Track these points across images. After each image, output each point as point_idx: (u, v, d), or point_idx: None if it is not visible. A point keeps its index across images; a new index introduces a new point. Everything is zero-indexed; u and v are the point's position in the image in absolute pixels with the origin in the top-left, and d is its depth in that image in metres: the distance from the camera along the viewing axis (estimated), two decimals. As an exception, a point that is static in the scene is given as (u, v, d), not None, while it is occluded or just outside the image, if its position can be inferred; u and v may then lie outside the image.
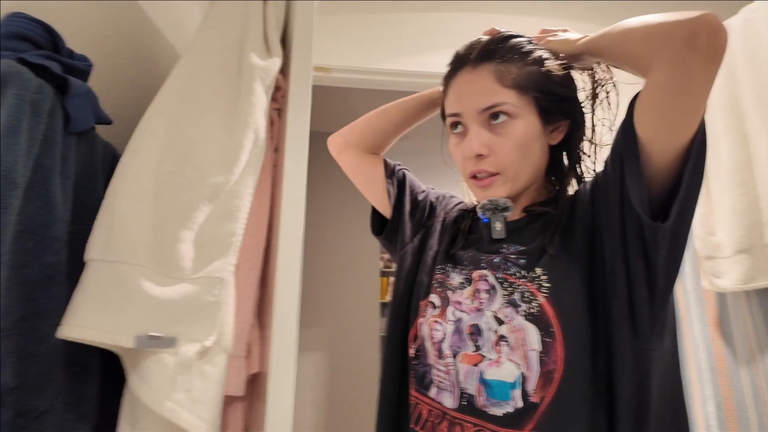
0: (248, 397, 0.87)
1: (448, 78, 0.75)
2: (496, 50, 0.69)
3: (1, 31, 0.65)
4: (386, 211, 0.91)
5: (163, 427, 0.67)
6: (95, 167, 0.76)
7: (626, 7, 1.93)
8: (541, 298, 0.61)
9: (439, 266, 0.76)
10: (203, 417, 0.68)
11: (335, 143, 0.97)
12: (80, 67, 0.73)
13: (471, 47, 0.72)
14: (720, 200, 1.25)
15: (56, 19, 0.73)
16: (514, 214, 0.73)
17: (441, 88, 0.78)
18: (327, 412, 2.73)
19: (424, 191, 0.92)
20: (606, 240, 0.62)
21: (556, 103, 0.70)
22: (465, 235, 0.78)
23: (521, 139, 0.67)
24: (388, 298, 0.98)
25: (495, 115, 0.67)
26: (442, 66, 0.79)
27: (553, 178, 0.77)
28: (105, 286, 0.68)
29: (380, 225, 0.93)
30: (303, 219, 0.85)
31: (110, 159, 0.79)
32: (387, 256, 4.81)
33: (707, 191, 1.31)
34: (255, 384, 0.88)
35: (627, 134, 0.60)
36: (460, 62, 0.72)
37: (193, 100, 0.82)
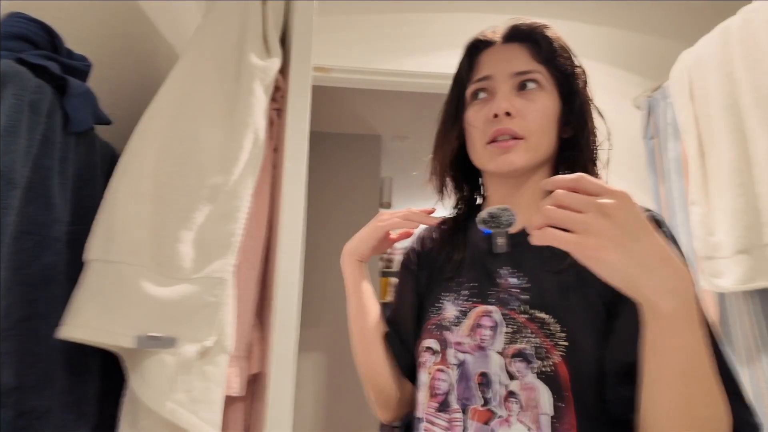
0: (249, 397, 0.87)
1: (472, 56, 0.73)
2: (525, 33, 0.70)
3: (1, 31, 0.65)
4: None
5: (164, 427, 0.66)
6: (94, 167, 0.76)
7: (626, 7, 1.93)
8: (557, 358, 0.56)
9: (433, 308, 0.70)
10: (204, 417, 0.68)
11: (386, 417, 0.79)
12: (79, 68, 0.73)
13: (496, 29, 0.72)
14: (719, 200, 1.25)
15: (55, 19, 0.73)
16: (520, 223, 0.68)
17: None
18: (327, 412, 2.73)
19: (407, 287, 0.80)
20: None
21: (574, 92, 0.70)
22: (460, 254, 0.73)
23: (548, 109, 0.67)
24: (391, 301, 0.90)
25: (524, 84, 0.68)
26: (442, 66, 0.79)
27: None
28: (105, 287, 0.68)
29: None
30: (303, 219, 0.85)
31: (109, 159, 0.79)
32: (387, 256, 4.81)
33: (706, 191, 1.31)
34: (255, 384, 0.88)
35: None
36: (486, 43, 0.72)
37: (193, 101, 0.82)
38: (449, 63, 0.78)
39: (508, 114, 0.66)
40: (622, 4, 1.94)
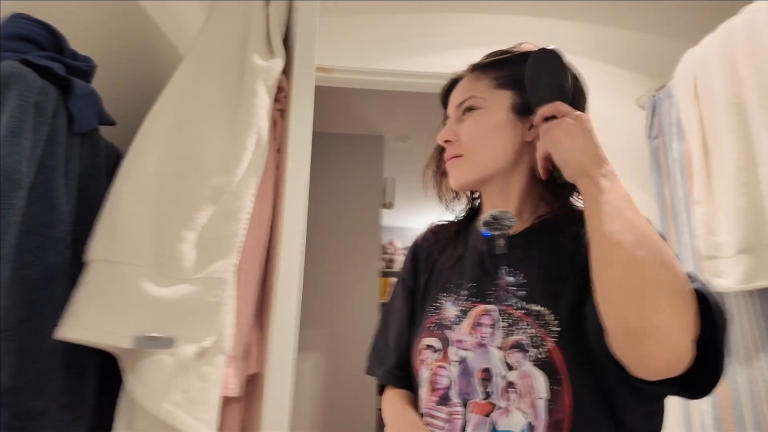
0: (246, 398, 0.87)
1: (449, 93, 0.82)
2: (488, 62, 0.76)
3: (4, 32, 0.65)
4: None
5: (160, 428, 0.66)
6: (99, 168, 0.76)
7: (630, 7, 1.93)
8: (550, 344, 0.59)
9: (431, 307, 0.73)
10: (200, 418, 0.68)
11: None
12: (83, 68, 0.74)
13: (470, 63, 0.80)
14: (722, 200, 1.25)
15: (59, 20, 0.73)
16: (516, 227, 0.71)
17: None
18: (325, 413, 2.73)
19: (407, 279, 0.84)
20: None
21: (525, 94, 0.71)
22: (460, 251, 0.76)
23: (483, 126, 0.73)
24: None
25: (466, 109, 0.75)
26: (444, 66, 0.80)
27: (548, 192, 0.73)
28: (105, 287, 0.68)
29: None
30: (304, 219, 0.85)
31: (114, 160, 0.79)
32: (387, 256, 4.81)
33: (710, 190, 1.30)
34: (253, 385, 0.88)
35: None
36: (457, 79, 0.80)
37: (196, 101, 0.82)
38: (451, 63, 0.80)
39: (448, 141, 0.75)
40: (626, 4, 1.94)
